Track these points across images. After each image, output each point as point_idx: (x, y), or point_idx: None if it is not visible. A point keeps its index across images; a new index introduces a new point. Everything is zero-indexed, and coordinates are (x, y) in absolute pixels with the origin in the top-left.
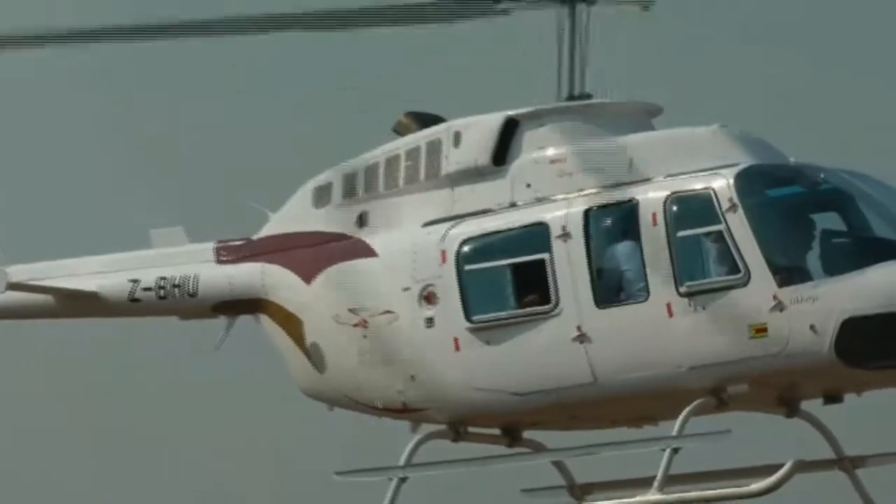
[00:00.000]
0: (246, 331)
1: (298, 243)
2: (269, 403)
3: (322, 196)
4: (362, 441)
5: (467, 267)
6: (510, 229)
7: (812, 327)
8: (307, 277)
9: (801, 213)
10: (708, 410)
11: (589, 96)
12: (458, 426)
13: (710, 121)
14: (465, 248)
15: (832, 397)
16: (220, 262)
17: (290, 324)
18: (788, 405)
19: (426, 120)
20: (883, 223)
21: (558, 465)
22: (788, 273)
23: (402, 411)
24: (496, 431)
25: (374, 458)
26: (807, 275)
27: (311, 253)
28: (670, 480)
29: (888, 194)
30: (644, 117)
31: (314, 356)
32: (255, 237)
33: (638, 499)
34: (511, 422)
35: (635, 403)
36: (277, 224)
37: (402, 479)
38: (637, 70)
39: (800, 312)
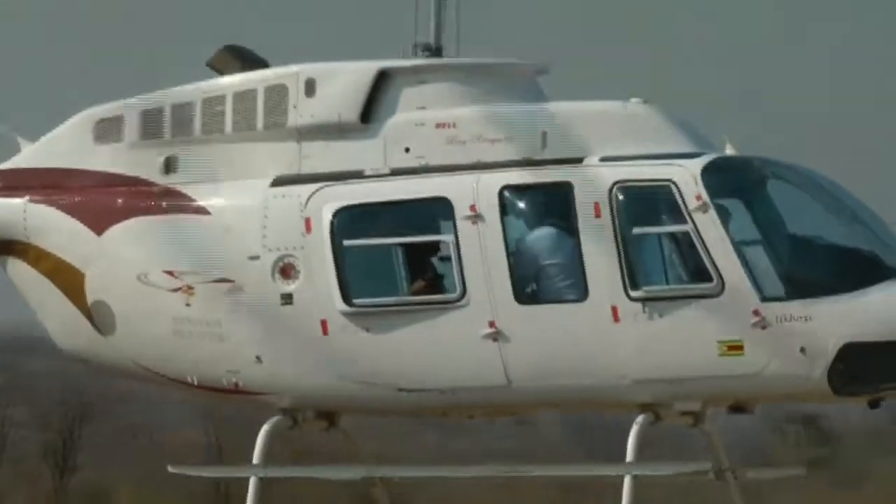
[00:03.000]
0: None
1: (79, 183)
2: None
3: (109, 131)
4: None
5: (347, 242)
6: (401, 202)
7: (803, 350)
8: (97, 226)
9: (782, 216)
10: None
11: (439, 49)
12: (297, 414)
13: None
14: (343, 219)
15: (741, 408)
16: None
17: (64, 275)
18: (698, 416)
19: (249, 59)
20: (870, 234)
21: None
22: (773, 286)
23: (229, 392)
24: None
25: None
26: (795, 291)
27: (102, 196)
28: None
29: (858, 202)
30: (534, 81)
31: (98, 316)
32: (3, 166)
33: None
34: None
35: (550, 409)
36: (38, 156)
37: (261, 479)
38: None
39: (788, 332)
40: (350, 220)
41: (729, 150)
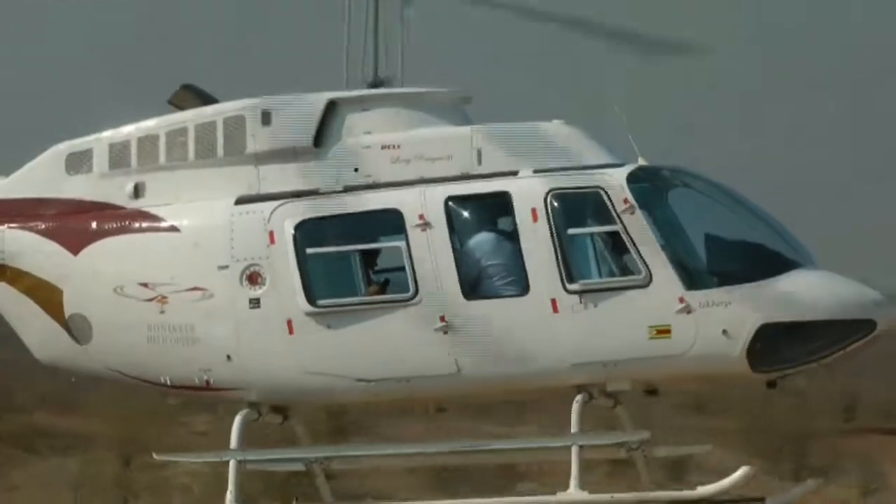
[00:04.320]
0: None
1: (54, 210)
2: None
3: (79, 162)
4: None
5: (309, 250)
6: (355, 214)
7: (724, 332)
8: (73, 246)
9: (697, 216)
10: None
11: (383, 82)
12: (262, 407)
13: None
14: (305, 230)
15: (653, 391)
16: None
17: (42, 292)
18: (618, 398)
19: (204, 97)
20: (770, 230)
21: None
22: (695, 276)
23: (201, 389)
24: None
25: None
26: (715, 280)
27: (76, 220)
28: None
29: (750, 201)
30: (461, 107)
31: (75, 327)
32: None
33: (560, 497)
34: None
35: (497, 395)
36: (11, 188)
37: (241, 462)
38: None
39: (711, 316)
40: (311, 231)
41: (641, 161)
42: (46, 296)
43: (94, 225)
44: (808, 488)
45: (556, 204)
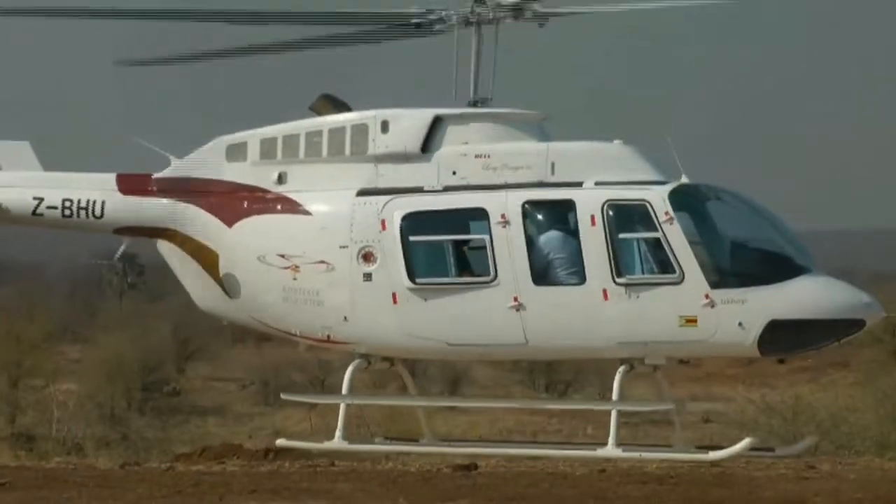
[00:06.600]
0: None
1: (215, 189)
2: None
3: (237, 152)
4: None
5: (412, 237)
6: (451, 210)
7: (740, 324)
8: (228, 220)
9: (724, 226)
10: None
11: (480, 102)
12: (371, 358)
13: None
14: (410, 221)
15: (685, 361)
16: (124, 192)
17: (203, 253)
18: (656, 367)
19: (338, 104)
20: (785, 240)
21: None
22: (719, 278)
23: (322, 341)
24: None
25: None
26: (735, 281)
27: (232, 199)
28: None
29: (774, 215)
30: (540, 124)
31: (227, 284)
32: (157, 175)
33: (599, 453)
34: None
35: (555, 360)
36: (183, 169)
37: (349, 405)
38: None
39: (730, 311)
40: (414, 222)
41: (684, 178)
42: (206, 257)
43: (244, 204)
44: (812, 442)
45: (610, 212)
